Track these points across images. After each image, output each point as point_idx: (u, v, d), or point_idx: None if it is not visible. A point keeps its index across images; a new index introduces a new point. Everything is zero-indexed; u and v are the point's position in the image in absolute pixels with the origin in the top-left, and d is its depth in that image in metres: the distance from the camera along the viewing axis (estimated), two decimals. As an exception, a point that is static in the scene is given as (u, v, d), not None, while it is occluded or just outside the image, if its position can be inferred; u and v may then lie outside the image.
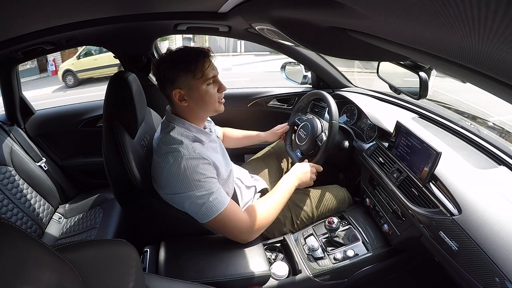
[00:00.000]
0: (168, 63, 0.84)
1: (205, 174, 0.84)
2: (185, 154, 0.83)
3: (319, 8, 0.42)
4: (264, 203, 0.96)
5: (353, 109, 1.41)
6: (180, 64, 0.84)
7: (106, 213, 1.35)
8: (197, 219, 0.86)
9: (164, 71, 0.84)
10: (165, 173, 0.83)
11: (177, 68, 0.84)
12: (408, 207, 0.92)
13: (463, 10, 0.19)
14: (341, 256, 1.04)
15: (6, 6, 0.65)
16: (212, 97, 0.90)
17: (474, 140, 1.01)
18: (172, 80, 0.85)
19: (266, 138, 1.41)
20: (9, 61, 1.27)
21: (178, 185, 0.82)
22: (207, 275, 0.85)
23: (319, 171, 1.15)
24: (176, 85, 0.85)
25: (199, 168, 0.83)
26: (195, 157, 0.83)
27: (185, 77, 0.85)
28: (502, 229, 0.69)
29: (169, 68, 0.84)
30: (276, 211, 0.96)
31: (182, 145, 0.85)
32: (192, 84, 0.86)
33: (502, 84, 0.26)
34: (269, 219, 0.94)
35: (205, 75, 0.86)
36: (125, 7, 1.04)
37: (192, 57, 0.84)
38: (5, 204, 1.19)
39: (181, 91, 0.86)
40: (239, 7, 0.90)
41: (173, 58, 0.85)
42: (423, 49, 0.32)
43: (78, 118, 1.58)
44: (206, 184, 0.83)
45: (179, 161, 0.82)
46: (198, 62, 0.84)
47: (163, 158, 0.84)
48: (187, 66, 0.84)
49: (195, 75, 0.85)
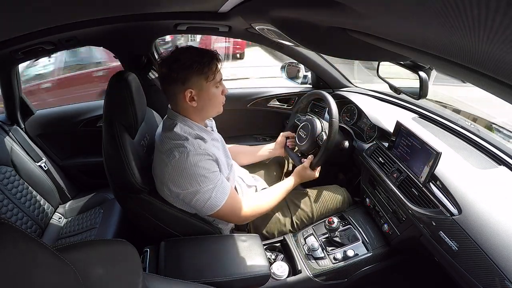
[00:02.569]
0: (183, 63, 0.84)
1: (209, 169, 0.86)
2: (191, 150, 0.84)
3: (319, 8, 0.42)
4: (262, 193, 1.08)
5: (353, 109, 1.41)
6: (195, 65, 0.84)
7: (106, 213, 1.35)
8: (200, 213, 0.88)
9: (178, 70, 0.84)
10: (170, 169, 0.83)
11: (191, 69, 0.84)
12: (408, 207, 0.92)
13: (463, 10, 0.19)
14: (341, 256, 1.04)
15: (6, 6, 0.65)
16: (218, 99, 0.93)
17: (474, 140, 1.01)
18: (184, 79, 0.85)
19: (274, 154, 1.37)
20: (9, 61, 1.27)
21: (185, 181, 0.83)
22: (207, 275, 0.85)
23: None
24: (188, 85, 0.86)
25: (205, 163, 0.84)
26: (201, 153, 0.85)
27: (198, 78, 0.86)
28: (502, 229, 0.69)
29: (183, 67, 0.84)
30: (272, 202, 1.05)
31: (188, 141, 0.86)
32: (203, 85, 0.87)
33: (502, 84, 0.26)
34: (263, 208, 1.02)
35: (216, 78, 0.88)
36: (125, 7, 1.04)
37: (207, 59, 0.85)
38: (5, 204, 1.19)
39: (192, 91, 0.87)
40: (239, 7, 0.90)
41: (187, 58, 0.85)
42: (423, 49, 0.32)
43: (78, 118, 1.58)
44: (211, 178, 0.85)
45: (185, 157, 0.82)
46: (212, 64, 0.86)
47: (167, 153, 0.85)
48: (201, 68, 0.85)
49: (208, 77, 0.86)
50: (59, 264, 0.34)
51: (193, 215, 0.96)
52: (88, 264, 0.41)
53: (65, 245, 0.41)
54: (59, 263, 0.34)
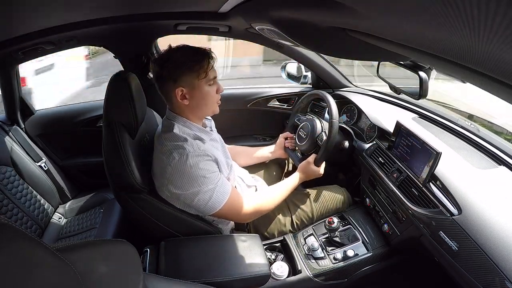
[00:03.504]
0: (174, 62, 0.84)
1: (209, 170, 0.86)
2: (190, 151, 0.84)
3: (319, 8, 0.42)
4: (266, 190, 1.07)
5: (353, 109, 1.41)
6: (185, 63, 0.84)
7: (106, 213, 1.35)
8: (201, 213, 0.89)
9: (169, 69, 0.85)
10: (170, 170, 0.83)
11: (182, 67, 0.84)
12: (408, 207, 0.92)
13: (463, 10, 0.19)
14: (341, 256, 1.04)
15: (6, 6, 0.65)
16: (212, 98, 0.92)
17: (474, 140, 1.01)
18: (175, 78, 0.85)
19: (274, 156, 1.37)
20: (9, 61, 1.27)
21: (185, 182, 0.83)
22: (207, 275, 0.85)
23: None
24: (179, 83, 0.86)
25: (204, 164, 0.85)
26: (200, 154, 0.85)
27: (190, 76, 0.86)
28: (502, 229, 0.69)
29: (174, 66, 0.84)
30: (276, 199, 1.04)
31: (187, 142, 0.86)
32: (195, 83, 0.87)
33: (502, 84, 0.26)
34: (267, 206, 1.01)
35: (208, 75, 0.87)
36: (125, 7, 1.04)
37: (198, 57, 0.85)
38: (5, 204, 1.19)
39: (183, 89, 0.87)
40: (239, 7, 0.90)
41: (178, 56, 0.85)
42: (423, 49, 0.32)
43: (78, 118, 1.58)
44: (211, 179, 0.85)
45: (185, 158, 0.82)
46: (203, 62, 0.86)
47: (167, 154, 0.85)
48: (192, 66, 0.85)
49: (199, 75, 0.86)
50: (59, 264, 0.34)
51: (193, 215, 0.96)
52: (88, 264, 0.41)
53: (65, 245, 0.41)
54: (59, 263, 0.34)
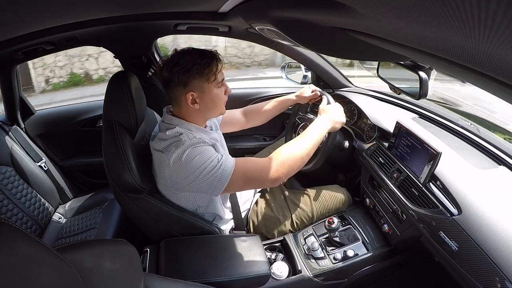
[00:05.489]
0: (182, 66, 0.83)
1: (207, 153, 0.83)
2: (186, 141, 0.83)
3: (319, 8, 0.42)
4: (288, 144, 0.92)
5: (353, 109, 1.41)
6: (194, 67, 0.83)
7: (106, 213, 1.35)
8: (213, 194, 0.86)
9: (178, 74, 0.84)
10: (170, 163, 0.82)
11: (192, 71, 0.83)
12: (408, 207, 0.92)
13: (463, 10, 0.19)
14: (341, 256, 1.04)
15: (6, 6, 0.65)
16: (221, 100, 0.91)
17: (474, 140, 1.01)
18: (185, 83, 0.84)
19: (297, 101, 1.28)
20: (9, 61, 1.27)
21: (186, 169, 0.81)
22: (207, 275, 0.85)
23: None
24: (190, 88, 0.85)
25: (202, 149, 0.83)
26: (196, 142, 0.84)
27: (200, 80, 0.85)
28: (502, 229, 0.69)
29: (184, 71, 0.83)
30: (304, 151, 0.90)
31: (182, 135, 0.85)
32: (205, 87, 0.86)
33: (502, 84, 0.26)
34: (294, 157, 0.89)
35: (217, 78, 0.87)
36: (125, 7, 1.04)
37: (206, 60, 0.84)
38: (5, 204, 1.19)
39: (194, 94, 0.86)
40: (239, 7, 0.90)
41: (187, 60, 0.84)
42: (423, 49, 0.32)
43: (78, 118, 1.58)
44: (211, 161, 0.83)
45: (183, 149, 0.81)
46: (212, 65, 0.85)
47: (164, 150, 0.84)
48: (201, 70, 0.84)
49: (209, 79, 0.85)
50: (59, 264, 0.34)
51: (193, 215, 0.96)
52: (88, 264, 0.41)
53: (65, 245, 0.41)
54: (59, 263, 0.34)
